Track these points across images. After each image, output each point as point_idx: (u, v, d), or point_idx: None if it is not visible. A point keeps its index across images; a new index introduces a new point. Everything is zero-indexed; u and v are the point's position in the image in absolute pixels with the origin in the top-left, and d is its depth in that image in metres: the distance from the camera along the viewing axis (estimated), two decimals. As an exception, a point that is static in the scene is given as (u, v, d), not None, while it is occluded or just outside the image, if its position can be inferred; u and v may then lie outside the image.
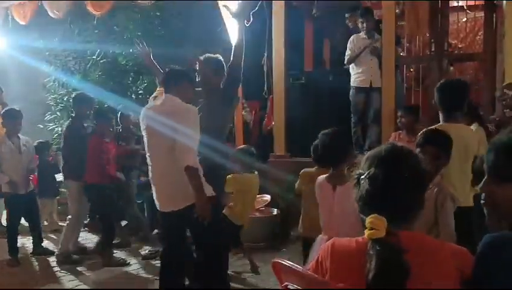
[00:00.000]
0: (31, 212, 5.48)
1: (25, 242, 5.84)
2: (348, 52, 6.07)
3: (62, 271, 4.91)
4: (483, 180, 1.46)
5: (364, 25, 5.95)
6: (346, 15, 6.63)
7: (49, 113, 8.48)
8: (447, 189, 2.76)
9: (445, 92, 3.38)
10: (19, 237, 5.41)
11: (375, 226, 1.41)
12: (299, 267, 1.60)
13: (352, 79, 6.06)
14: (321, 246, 1.61)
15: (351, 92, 6.06)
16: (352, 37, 6.09)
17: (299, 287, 1.58)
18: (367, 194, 1.48)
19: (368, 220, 1.43)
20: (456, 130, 3.15)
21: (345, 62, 6.12)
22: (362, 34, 6.04)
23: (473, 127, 3.91)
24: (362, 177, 1.50)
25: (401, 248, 1.38)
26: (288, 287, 1.61)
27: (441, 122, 3.39)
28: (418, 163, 1.56)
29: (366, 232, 1.42)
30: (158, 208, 3.48)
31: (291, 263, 1.62)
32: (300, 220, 3.89)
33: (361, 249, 1.44)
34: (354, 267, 1.43)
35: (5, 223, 5.55)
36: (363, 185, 1.49)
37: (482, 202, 1.48)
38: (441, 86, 3.45)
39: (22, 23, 7.12)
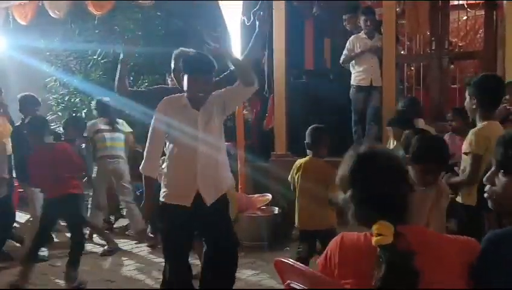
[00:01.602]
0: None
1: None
2: (344, 52, 6.08)
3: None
4: (490, 171, 1.47)
5: (368, 22, 5.96)
6: (344, 17, 6.62)
7: (51, 113, 8.48)
8: (443, 186, 2.75)
9: (482, 88, 3.17)
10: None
11: (382, 233, 1.40)
12: (301, 266, 1.60)
13: (352, 78, 6.08)
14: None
15: (351, 90, 6.07)
16: (351, 38, 6.10)
17: (302, 286, 1.58)
18: (361, 200, 1.50)
19: (375, 226, 1.42)
20: (498, 128, 3.09)
21: (340, 62, 6.16)
22: (362, 34, 6.05)
23: None
24: (347, 196, 1.52)
25: (411, 251, 1.37)
26: (291, 285, 1.61)
27: (482, 122, 3.18)
28: (395, 160, 1.57)
29: (373, 239, 1.41)
30: None
31: (294, 261, 1.62)
32: (296, 214, 3.99)
33: (370, 244, 1.43)
34: (362, 263, 1.43)
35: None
36: (351, 204, 1.52)
37: (485, 195, 1.49)
38: (479, 81, 3.23)
39: (23, 23, 7.13)
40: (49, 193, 4.50)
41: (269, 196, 5.67)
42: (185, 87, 3.12)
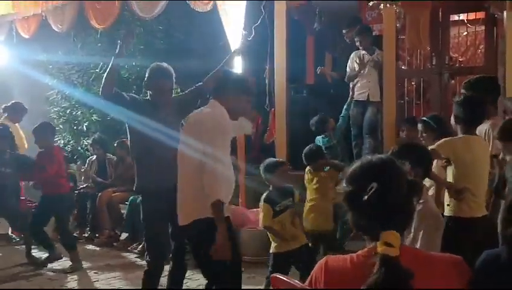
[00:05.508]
0: None
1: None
2: (347, 70, 6.16)
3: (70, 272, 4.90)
4: None
5: (362, 44, 6.04)
6: (344, 31, 6.68)
7: (52, 125, 8.48)
8: (430, 206, 2.74)
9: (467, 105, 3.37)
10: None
11: (391, 242, 1.32)
12: (297, 283, 1.58)
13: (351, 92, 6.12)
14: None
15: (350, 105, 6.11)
16: (352, 54, 6.16)
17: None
18: (372, 211, 1.40)
19: (383, 234, 1.34)
20: (478, 142, 3.36)
21: (345, 79, 6.24)
22: (362, 51, 6.09)
23: None
24: (364, 194, 1.40)
25: (409, 272, 1.30)
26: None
27: (460, 135, 3.39)
28: (406, 171, 1.54)
29: (379, 247, 1.33)
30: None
31: (290, 278, 1.60)
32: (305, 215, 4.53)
33: (357, 267, 1.38)
34: (349, 288, 1.37)
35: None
36: (365, 203, 1.40)
37: None
38: (463, 100, 3.44)
39: (26, 36, 7.18)
40: None
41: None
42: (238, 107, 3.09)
